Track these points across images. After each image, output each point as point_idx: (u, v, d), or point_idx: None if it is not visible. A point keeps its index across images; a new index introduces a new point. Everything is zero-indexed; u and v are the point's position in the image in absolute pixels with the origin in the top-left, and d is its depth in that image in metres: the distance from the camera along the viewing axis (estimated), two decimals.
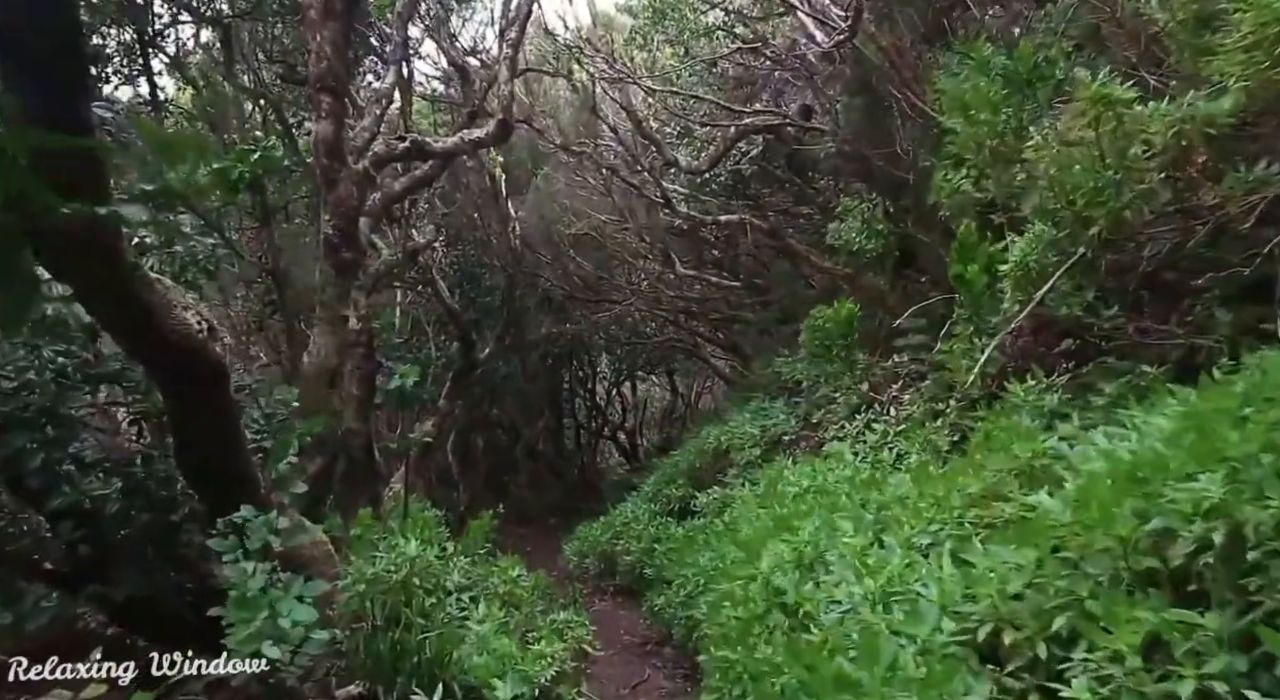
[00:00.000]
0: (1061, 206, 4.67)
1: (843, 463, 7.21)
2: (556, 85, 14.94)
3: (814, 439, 10.06)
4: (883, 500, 5.42)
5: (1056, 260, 4.92)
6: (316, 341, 6.55)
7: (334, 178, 6.43)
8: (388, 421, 16.74)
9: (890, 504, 5.19)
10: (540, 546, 18.91)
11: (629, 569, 12.77)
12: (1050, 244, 4.90)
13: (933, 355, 7.35)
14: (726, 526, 8.32)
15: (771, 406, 12.23)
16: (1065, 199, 4.62)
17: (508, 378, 19.97)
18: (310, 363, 6.45)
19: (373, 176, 7.07)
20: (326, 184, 6.51)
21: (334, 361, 6.49)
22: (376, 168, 7.20)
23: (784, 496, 7.32)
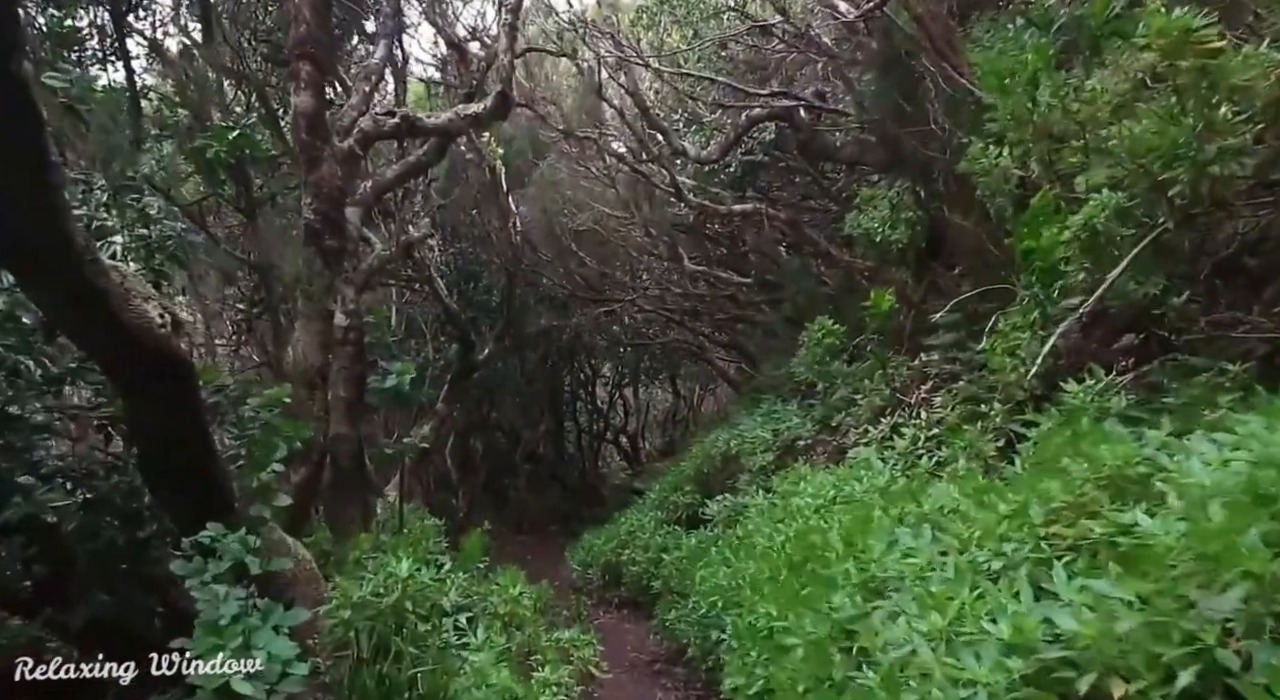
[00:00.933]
0: (1131, 171, 4.10)
1: (871, 470, 6.64)
2: (558, 70, 14.40)
3: (832, 444, 9.50)
4: (924, 513, 4.87)
5: (1130, 235, 4.36)
6: (299, 338, 5.98)
7: (315, 156, 5.84)
8: (385, 425, 16.19)
9: (936, 518, 4.64)
10: (541, 554, 18.35)
11: (635, 580, 12.21)
12: (1119, 214, 4.33)
13: (968, 353, 6.81)
14: (742, 539, 7.75)
15: (784, 409, 11.67)
16: (1136, 162, 4.05)
17: (507, 380, 19.41)
18: (292, 361, 5.89)
19: (359, 155, 6.51)
20: (307, 163, 5.92)
21: (318, 360, 5.93)
22: (363, 146, 6.63)
23: (806, 508, 6.77)
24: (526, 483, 21.63)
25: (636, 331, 20.74)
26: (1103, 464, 3.54)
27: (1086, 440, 4.09)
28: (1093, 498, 3.51)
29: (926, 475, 6.04)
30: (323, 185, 5.78)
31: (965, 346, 7.06)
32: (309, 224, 5.89)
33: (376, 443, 8.21)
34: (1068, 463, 3.66)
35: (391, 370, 7.98)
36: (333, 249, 5.92)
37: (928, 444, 6.90)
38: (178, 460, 4.55)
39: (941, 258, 8.37)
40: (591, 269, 16.20)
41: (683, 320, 17.69)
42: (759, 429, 11.56)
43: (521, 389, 20.85)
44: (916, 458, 6.85)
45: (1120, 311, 4.93)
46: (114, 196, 4.41)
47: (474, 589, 6.90)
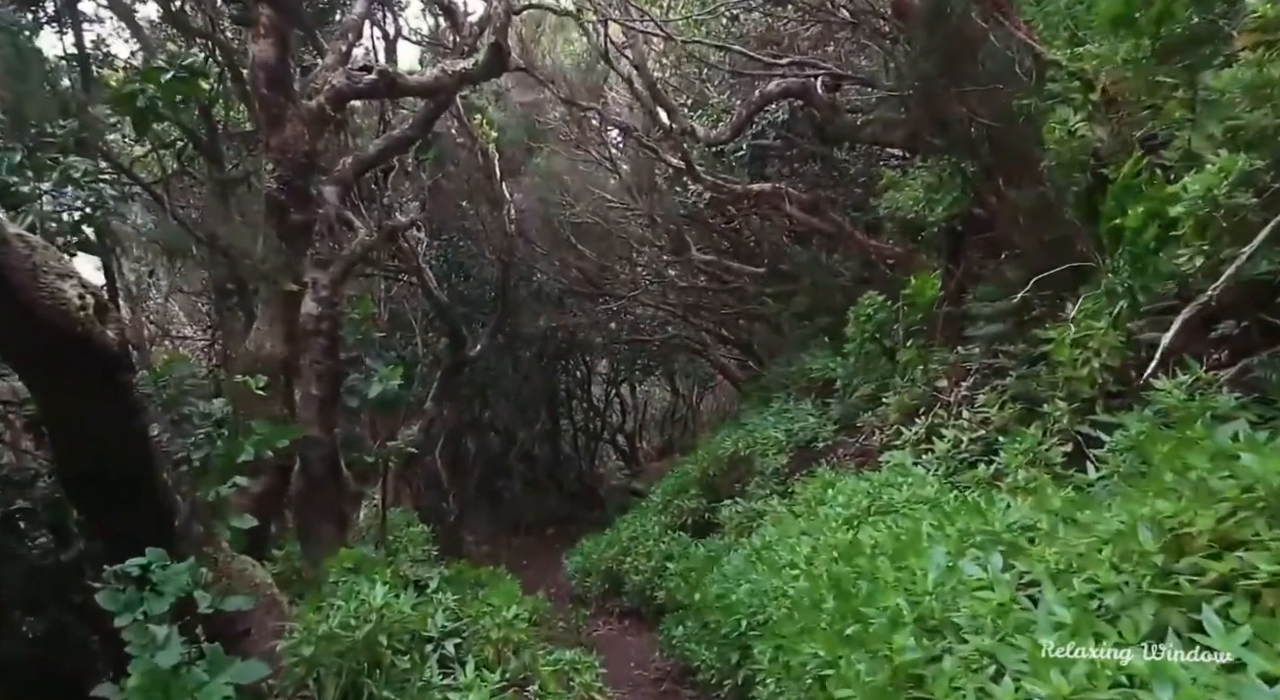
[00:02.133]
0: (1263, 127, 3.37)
1: (910, 477, 5.91)
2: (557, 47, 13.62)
3: (855, 446, 8.78)
4: (988, 531, 4.12)
5: (1253, 204, 3.63)
6: (259, 327, 5.20)
7: (278, 115, 5.04)
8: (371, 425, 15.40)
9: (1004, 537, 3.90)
10: (537, 559, 17.60)
11: (637, 589, 11.48)
12: (1242, 180, 3.61)
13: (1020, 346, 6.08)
14: (761, 551, 7.01)
15: (796, 408, 10.94)
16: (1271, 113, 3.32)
17: (501, 377, 18.63)
18: (249, 354, 5.12)
19: (330, 116, 5.73)
20: (268, 123, 5.10)
21: (281, 352, 5.18)
22: (335, 105, 5.84)
23: (836, 518, 6.04)
24: (522, 484, 20.86)
25: (635, 327, 19.98)
26: (1254, 479, 2.80)
27: (1196, 449, 3.37)
28: (1240, 522, 2.77)
29: (981, 484, 5.31)
30: (287, 149, 4.99)
31: (1014, 338, 6.33)
32: (270, 195, 5.09)
33: (360, 445, 7.44)
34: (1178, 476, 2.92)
35: (377, 371, 7.20)
36: (299, 224, 5.13)
37: (972, 447, 6.18)
38: (109, 468, 3.79)
39: (980, 242, 7.65)
40: (590, 262, 15.43)
41: (685, 315, 16.94)
42: (770, 429, 10.84)
43: (516, 387, 20.08)
44: (960, 463, 6.14)
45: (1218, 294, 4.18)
46: (29, 156, 3.66)
47: (464, 610, 6.14)
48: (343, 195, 7.12)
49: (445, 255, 17.10)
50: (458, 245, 16.95)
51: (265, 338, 5.09)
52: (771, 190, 8.67)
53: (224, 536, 4.29)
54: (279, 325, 5.11)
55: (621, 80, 9.45)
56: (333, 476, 6.06)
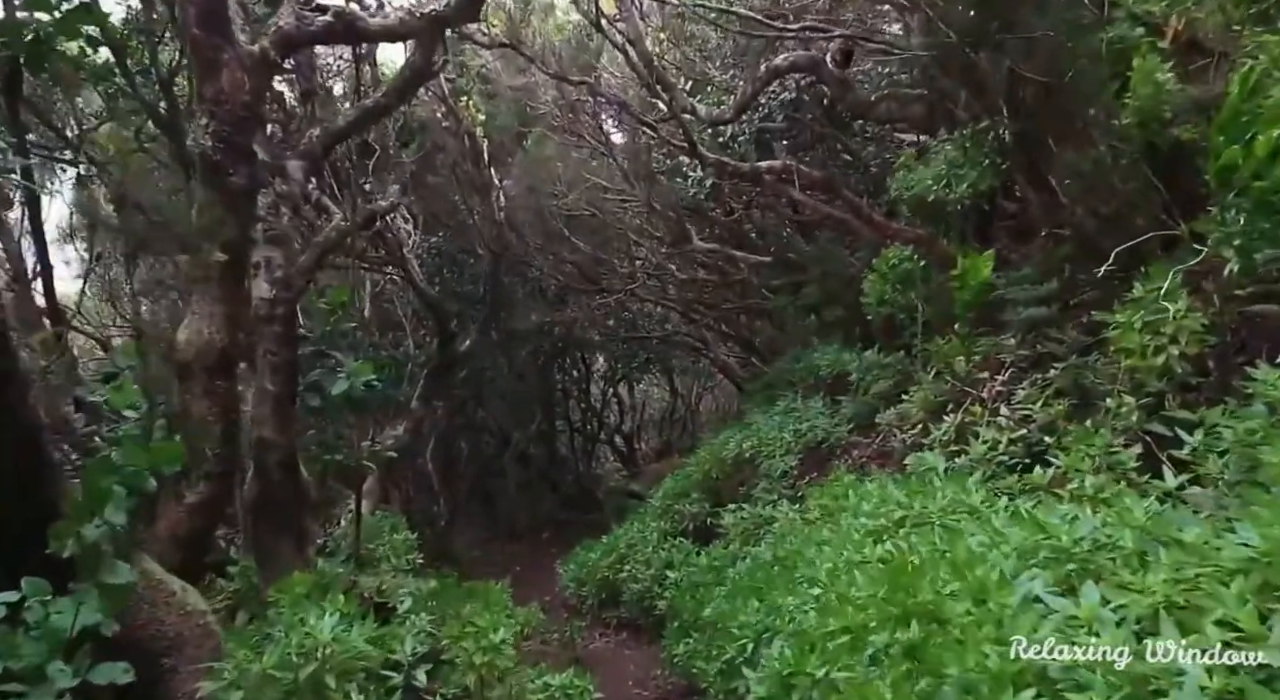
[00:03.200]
0: None
1: (950, 483, 5.22)
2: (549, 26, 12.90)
3: (872, 447, 8.10)
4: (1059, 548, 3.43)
5: None
6: (194, 311, 4.49)
7: (212, 59, 4.31)
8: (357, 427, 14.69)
9: (1090, 560, 3.21)
10: (531, 565, 16.89)
11: (636, 600, 10.79)
12: None
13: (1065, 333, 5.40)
14: (774, 565, 6.32)
15: (805, 406, 10.26)
16: None
17: (495, 377, 17.93)
18: (185, 343, 4.40)
19: (276, 63, 5.01)
20: (202, 68, 4.36)
21: (221, 340, 4.46)
22: (282, 50, 5.11)
23: (861, 529, 5.35)
24: (516, 487, 20.13)
25: (633, 324, 19.28)
26: None
27: None
28: None
29: (1029, 491, 4.62)
30: (223, 100, 4.27)
31: (1054, 323, 5.65)
32: (204, 154, 4.36)
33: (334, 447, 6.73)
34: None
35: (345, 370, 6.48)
36: (240, 189, 4.43)
37: (1012, 449, 5.50)
38: None
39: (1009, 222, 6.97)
40: (585, 254, 14.72)
41: (685, 311, 16.24)
42: (777, 429, 10.17)
43: (511, 386, 19.35)
44: (1000, 467, 5.46)
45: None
46: None
47: (443, 632, 5.44)
48: (310, 172, 6.43)
49: (437, 249, 16.40)
50: (448, 238, 16.24)
51: (202, 323, 4.37)
52: (781, 167, 7.98)
53: (142, 559, 3.59)
54: (220, 308, 4.40)
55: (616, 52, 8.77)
56: (290, 483, 5.35)
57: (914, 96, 8.37)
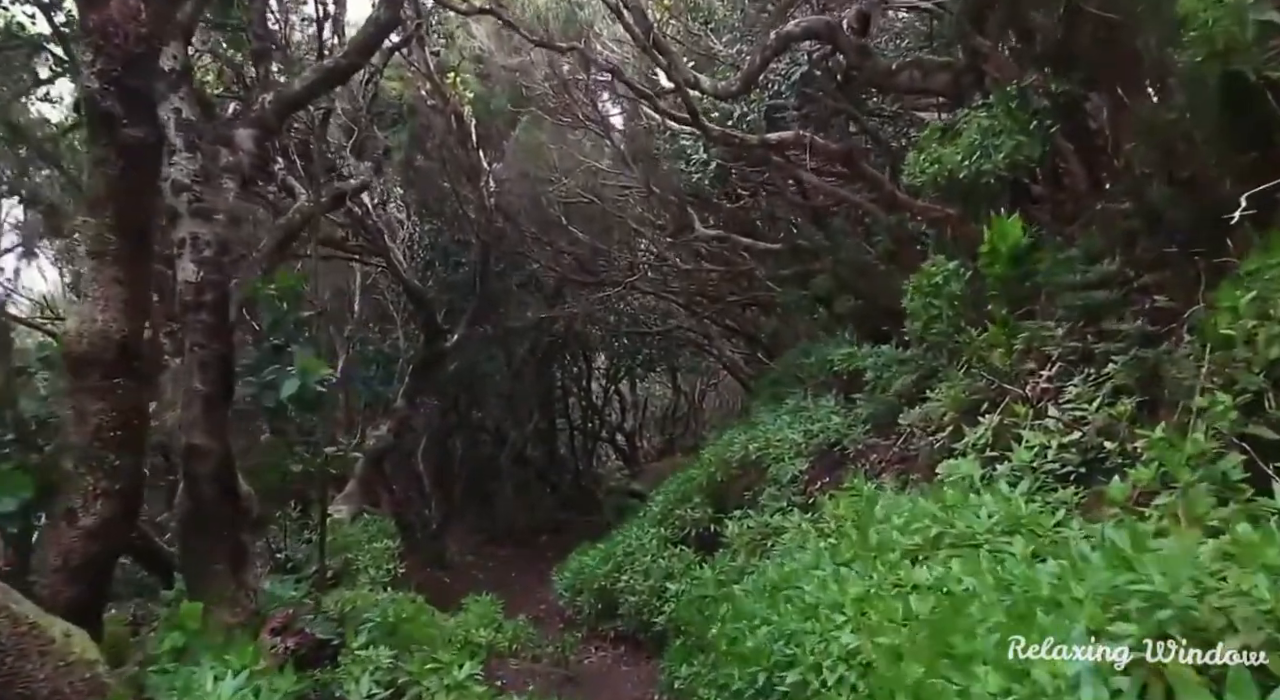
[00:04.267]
0: None
1: (990, 496, 4.46)
2: None
3: (893, 451, 7.34)
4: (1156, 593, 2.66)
5: None
6: (88, 293, 3.74)
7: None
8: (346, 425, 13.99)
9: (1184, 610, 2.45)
10: (528, 570, 16.14)
11: (634, 612, 10.08)
12: None
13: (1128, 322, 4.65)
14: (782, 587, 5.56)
15: (816, 405, 9.52)
16: None
17: (490, 374, 17.17)
18: (75, 334, 3.64)
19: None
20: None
21: (119, 329, 3.69)
22: None
23: (891, 546, 4.61)
24: (513, 487, 19.38)
25: (635, 319, 18.54)
26: None
27: None
28: None
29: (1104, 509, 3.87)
30: (111, 31, 3.49)
31: (1116, 308, 4.89)
32: (90, 97, 3.58)
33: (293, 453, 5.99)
34: None
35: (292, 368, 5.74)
36: (137, 144, 3.67)
37: (1065, 455, 4.73)
38: None
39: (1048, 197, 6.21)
40: (584, 244, 13.96)
41: (688, 305, 15.48)
42: (786, 430, 9.42)
43: (508, 384, 18.60)
44: (1050, 477, 4.70)
45: None
46: None
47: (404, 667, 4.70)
48: (262, 141, 5.68)
49: (429, 240, 15.65)
50: (441, 229, 15.48)
51: (95, 309, 3.62)
52: (794, 139, 7.20)
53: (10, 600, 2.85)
54: (117, 291, 3.65)
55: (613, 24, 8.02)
56: (225, 496, 4.60)
57: (939, 64, 7.60)
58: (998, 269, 4.38)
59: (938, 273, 6.32)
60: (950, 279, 6.28)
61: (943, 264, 6.37)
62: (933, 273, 6.40)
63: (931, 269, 6.44)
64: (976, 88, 7.19)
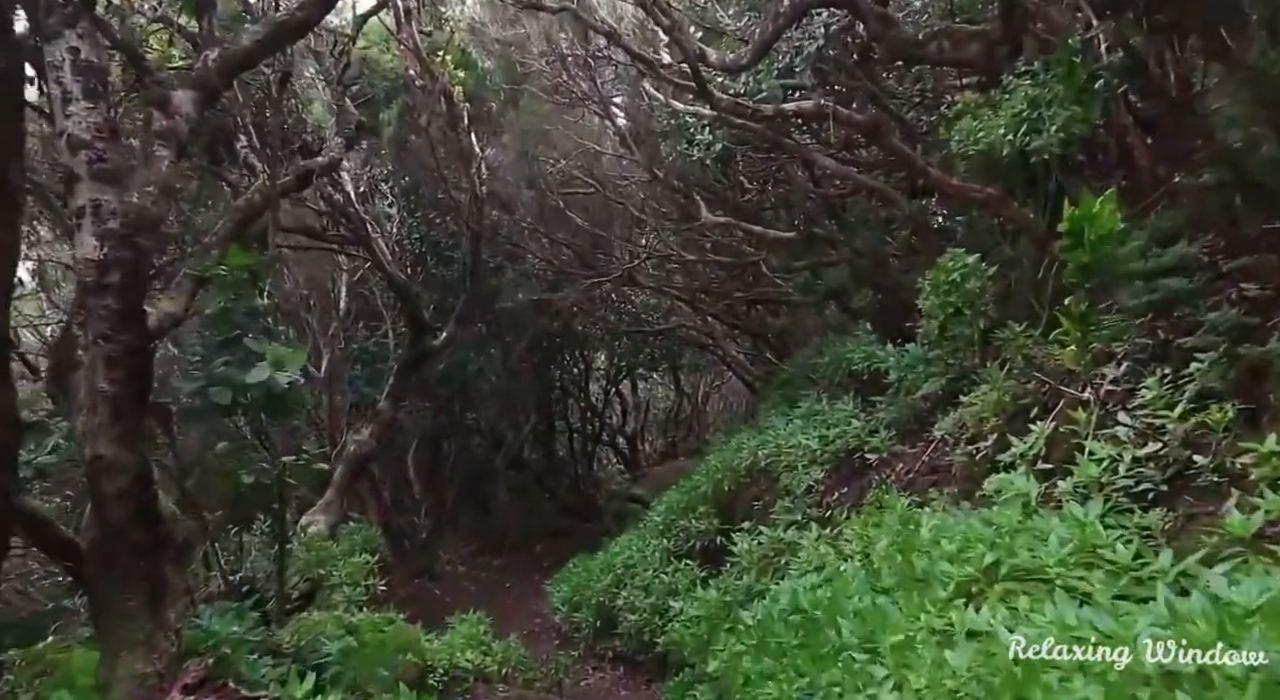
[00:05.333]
0: None
1: (1062, 517, 3.72)
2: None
3: (921, 461, 6.59)
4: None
5: None
6: None
7: None
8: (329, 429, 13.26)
9: None
10: (522, 581, 15.39)
11: (635, 631, 9.36)
12: None
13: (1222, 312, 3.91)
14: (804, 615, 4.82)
15: (832, 408, 8.75)
16: None
17: (485, 373, 16.41)
18: None
19: None
20: None
21: None
22: None
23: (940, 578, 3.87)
24: (509, 493, 18.62)
25: (636, 317, 17.80)
26: None
27: None
28: None
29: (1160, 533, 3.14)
30: None
31: (1194, 296, 4.16)
32: None
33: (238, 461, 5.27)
34: None
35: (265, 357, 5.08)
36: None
37: (1143, 471, 3.99)
38: None
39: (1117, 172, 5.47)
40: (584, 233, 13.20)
41: (692, 301, 14.73)
42: (799, 435, 8.67)
43: (503, 384, 17.83)
44: (1127, 495, 3.95)
45: None
46: None
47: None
48: (204, 105, 4.95)
49: (420, 233, 14.91)
50: (433, 221, 14.73)
51: None
52: (814, 109, 6.45)
53: None
54: None
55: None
56: (141, 519, 3.88)
57: (971, 33, 6.87)
58: (1081, 257, 3.65)
59: (955, 268, 5.59)
60: (970, 276, 5.55)
61: (961, 258, 5.64)
62: (950, 268, 5.67)
63: (949, 264, 5.71)
64: (1013, 59, 6.47)
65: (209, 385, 4.98)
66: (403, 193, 13.99)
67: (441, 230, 14.65)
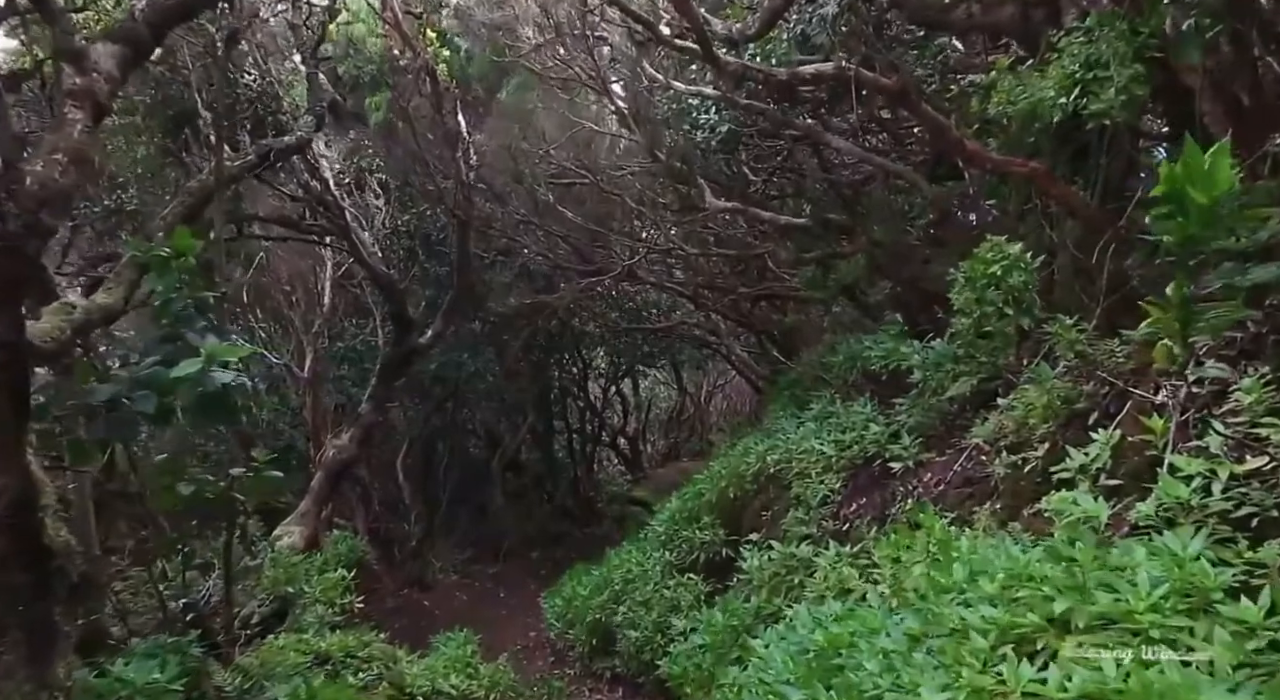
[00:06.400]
0: None
1: (1153, 551, 3.02)
2: None
3: (952, 471, 5.88)
4: None
5: None
6: None
7: None
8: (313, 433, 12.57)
9: None
10: (518, 591, 14.64)
11: (634, 650, 8.67)
12: None
13: None
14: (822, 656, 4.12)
15: (847, 411, 8.05)
16: None
17: (479, 373, 15.70)
18: None
19: None
20: None
21: None
22: None
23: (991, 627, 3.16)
24: (506, 497, 17.93)
25: (636, 314, 17.11)
26: None
27: None
28: None
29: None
30: None
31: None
32: None
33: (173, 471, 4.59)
34: None
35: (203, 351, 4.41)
36: None
37: (1240, 489, 3.28)
38: None
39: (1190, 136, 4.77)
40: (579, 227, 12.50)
41: (695, 297, 14.03)
42: (812, 439, 7.97)
43: (499, 384, 17.11)
44: (1222, 518, 3.25)
45: None
46: None
47: None
48: (130, 63, 4.28)
49: (411, 228, 14.22)
50: (424, 214, 14.04)
51: None
52: (834, 71, 5.72)
53: None
54: None
55: None
56: (21, 553, 3.21)
57: None
58: (1189, 227, 2.95)
59: (996, 260, 4.88)
60: (1012, 269, 4.85)
61: (1002, 249, 4.94)
62: (989, 260, 4.96)
63: (988, 255, 5.00)
64: (1051, 23, 5.78)
65: (137, 388, 4.29)
66: (393, 184, 13.30)
67: (433, 224, 13.97)
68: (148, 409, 4.26)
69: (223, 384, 4.38)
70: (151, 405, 4.25)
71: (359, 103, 12.34)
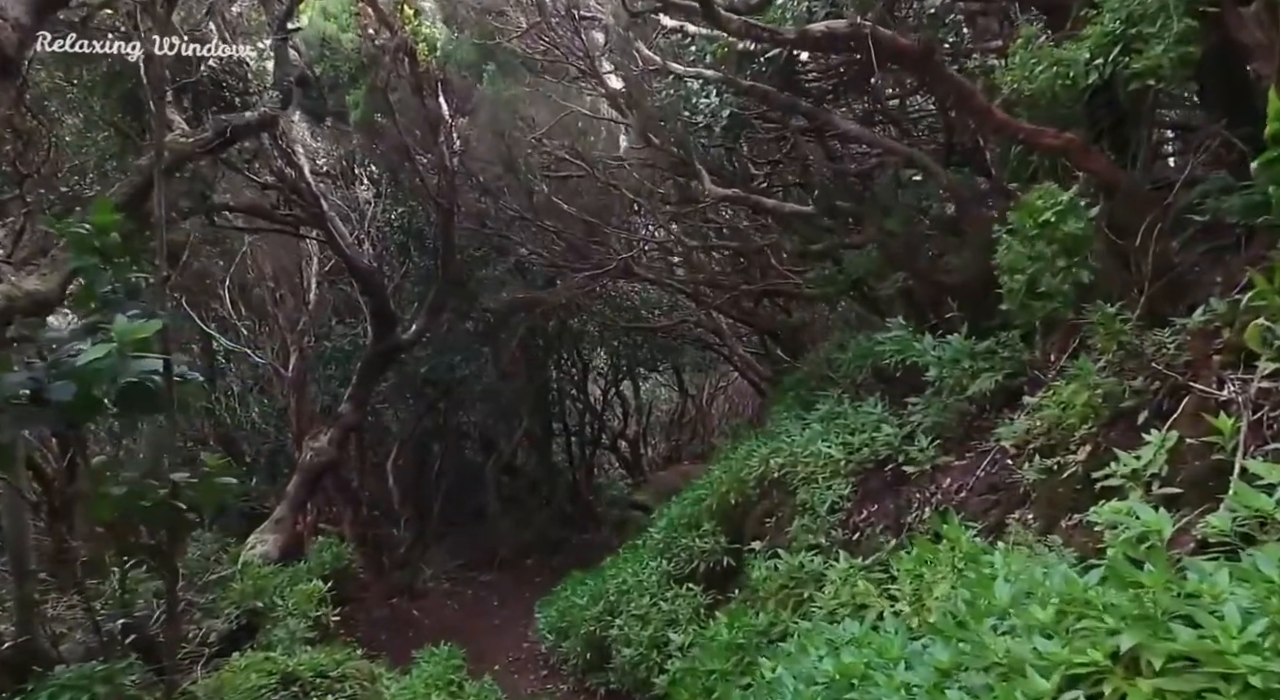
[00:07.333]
0: None
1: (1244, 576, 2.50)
2: None
3: (974, 476, 5.37)
4: None
5: None
6: None
7: None
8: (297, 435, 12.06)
9: None
10: (512, 600, 14.07)
11: (630, 666, 8.14)
12: None
13: None
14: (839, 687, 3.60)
15: (856, 411, 7.52)
16: None
17: (474, 373, 15.19)
18: None
19: None
20: None
21: None
22: None
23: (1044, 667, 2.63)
24: (501, 502, 17.40)
25: (636, 314, 16.62)
26: None
27: None
28: None
29: None
30: None
31: None
32: None
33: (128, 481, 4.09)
34: None
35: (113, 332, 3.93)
36: None
37: None
38: None
39: None
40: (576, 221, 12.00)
41: (695, 295, 13.53)
42: (818, 442, 7.44)
43: (495, 385, 16.59)
44: None
45: None
46: None
47: None
48: (46, 10, 3.80)
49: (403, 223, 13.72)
50: (415, 209, 13.54)
51: None
52: (849, 30, 5.18)
53: None
54: None
55: None
56: None
57: None
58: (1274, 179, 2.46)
59: (1048, 207, 4.35)
60: (1068, 214, 4.32)
61: (1055, 194, 4.41)
62: (1040, 208, 4.43)
63: (1038, 203, 4.47)
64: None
65: (57, 378, 3.82)
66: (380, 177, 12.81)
67: (424, 218, 13.48)
68: (65, 399, 3.80)
69: (143, 372, 3.91)
70: (69, 394, 3.80)
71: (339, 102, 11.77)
